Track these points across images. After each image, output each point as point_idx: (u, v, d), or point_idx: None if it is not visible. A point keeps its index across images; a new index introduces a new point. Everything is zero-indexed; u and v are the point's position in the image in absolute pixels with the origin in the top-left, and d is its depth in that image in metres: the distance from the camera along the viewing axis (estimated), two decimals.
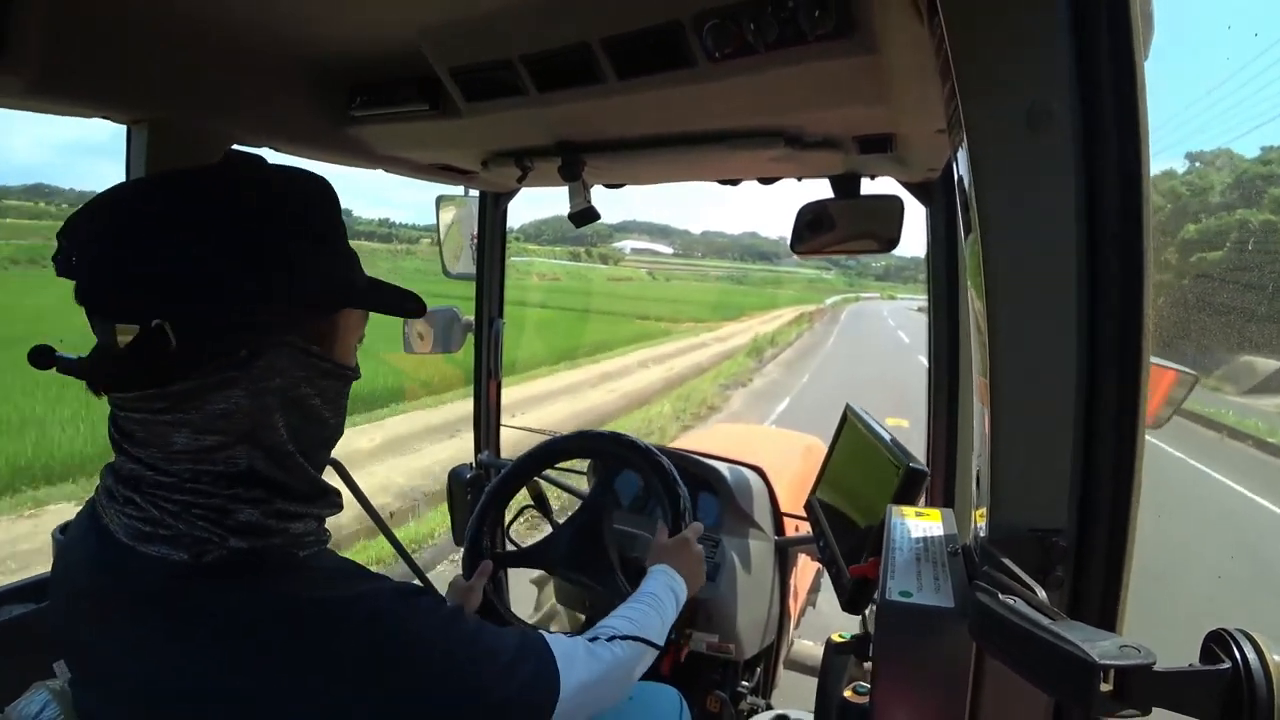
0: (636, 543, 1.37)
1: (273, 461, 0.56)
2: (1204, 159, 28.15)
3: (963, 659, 0.51)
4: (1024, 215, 0.45)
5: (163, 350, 0.49)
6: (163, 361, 0.50)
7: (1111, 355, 0.45)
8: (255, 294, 0.52)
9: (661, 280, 64.43)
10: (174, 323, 0.49)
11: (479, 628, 0.61)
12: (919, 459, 0.91)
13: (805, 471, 1.74)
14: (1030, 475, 0.48)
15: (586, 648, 0.69)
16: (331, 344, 0.60)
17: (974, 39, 0.44)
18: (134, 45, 0.83)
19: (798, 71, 0.74)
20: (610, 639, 0.71)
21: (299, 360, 0.56)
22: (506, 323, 1.79)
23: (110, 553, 0.54)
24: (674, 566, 0.93)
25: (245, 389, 0.53)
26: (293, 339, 0.55)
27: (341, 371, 0.61)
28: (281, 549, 0.56)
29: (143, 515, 0.53)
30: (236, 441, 0.54)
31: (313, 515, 0.59)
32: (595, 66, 0.81)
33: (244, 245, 0.52)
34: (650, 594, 0.84)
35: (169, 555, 0.52)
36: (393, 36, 0.89)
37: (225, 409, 0.53)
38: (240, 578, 0.53)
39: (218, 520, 0.53)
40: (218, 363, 0.52)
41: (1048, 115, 0.43)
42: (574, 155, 1.14)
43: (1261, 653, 0.35)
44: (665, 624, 0.81)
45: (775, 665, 1.67)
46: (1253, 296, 13.92)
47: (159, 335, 0.49)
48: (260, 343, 0.53)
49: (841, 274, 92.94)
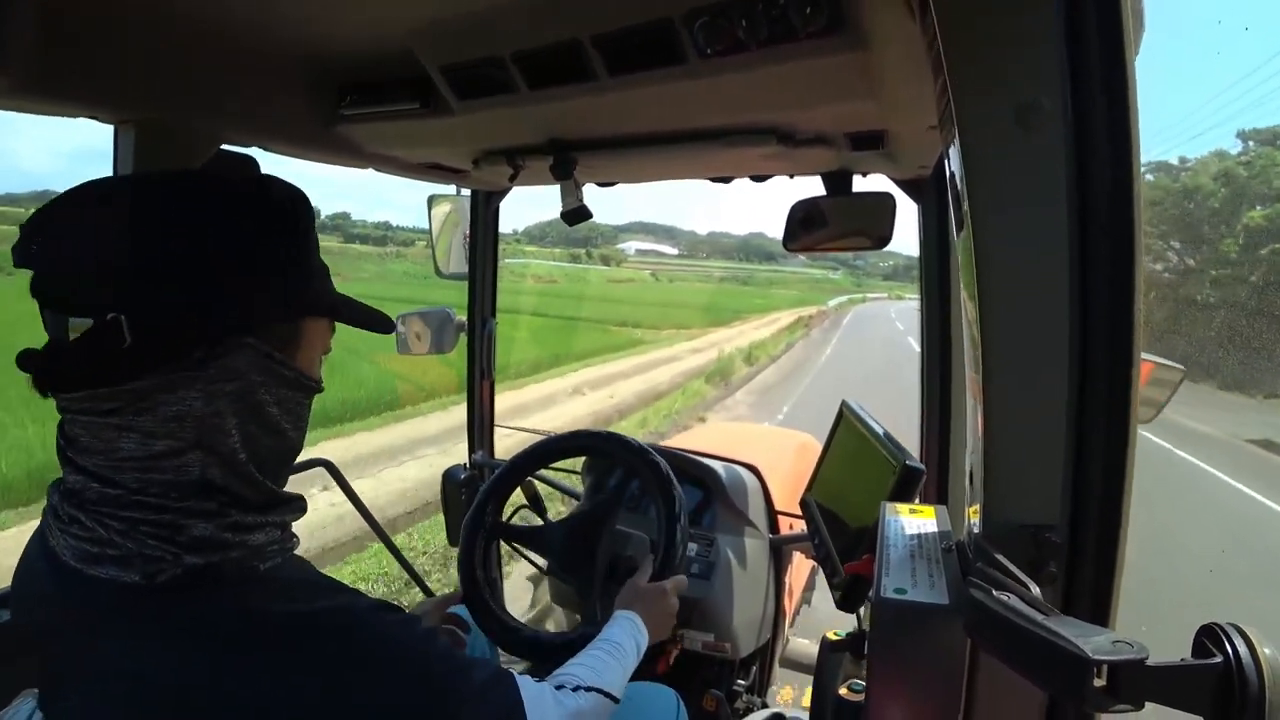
0: (630, 542, 1.37)
1: (227, 470, 0.53)
2: (1261, 136, 24.64)
3: (957, 655, 0.51)
4: (1016, 211, 0.45)
5: (116, 346, 0.47)
6: (116, 358, 0.48)
7: (1103, 351, 0.46)
8: (216, 292, 0.51)
9: (665, 281, 62.35)
10: (130, 317, 0.47)
11: (451, 651, 0.60)
12: (914, 456, 0.91)
13: (800, 469, 1.74)
14: (1023, 471, 0.48)
15: (553, 694, 0.67)
16: (294, 351, 0.58)
17: (965, 35, 0.44)
18: (121, 45, 0.82)
19: (789, 68, 0.74)
20: (575, 689, 0.70)
21: (258, 364, 0.54)
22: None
23: (60, 577, 0.52)
24: (644, 616, 0.91)
25: (200, 390, 0.51)
26: (252, 341, 0.53)
27: (303, 381, 0.58)
28: (240, 562, 0.53)
29: (89, 535, 0.50)
30: (188, 448, 0.51)
31: (273, 523, 0.57)
32: (587, 64, 0.81)
33: (209, 244, 0.51)
34: (615, 643, 0.82)
35: (119, 577, 0.49)
36: (383, 35, 0.89)
37: (178, 411, 0.50)
38: (196, 595, 0.50)
39: (169, 537, 0.50)
40: (172, 362, 0.50)
41: (1039, 111, 0.43)
42: (566, 153, 1.13)
43: (1253, 646, 0.35)
44: (626, 674, 0.80)
45: (770, 664, 1.67)
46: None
47: (113, 329, 0.47)
48: (218, 343, 0.51)
49: (849, 273, 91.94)
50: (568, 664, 0.76)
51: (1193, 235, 19.22)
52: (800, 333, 24.05)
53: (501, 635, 1.10)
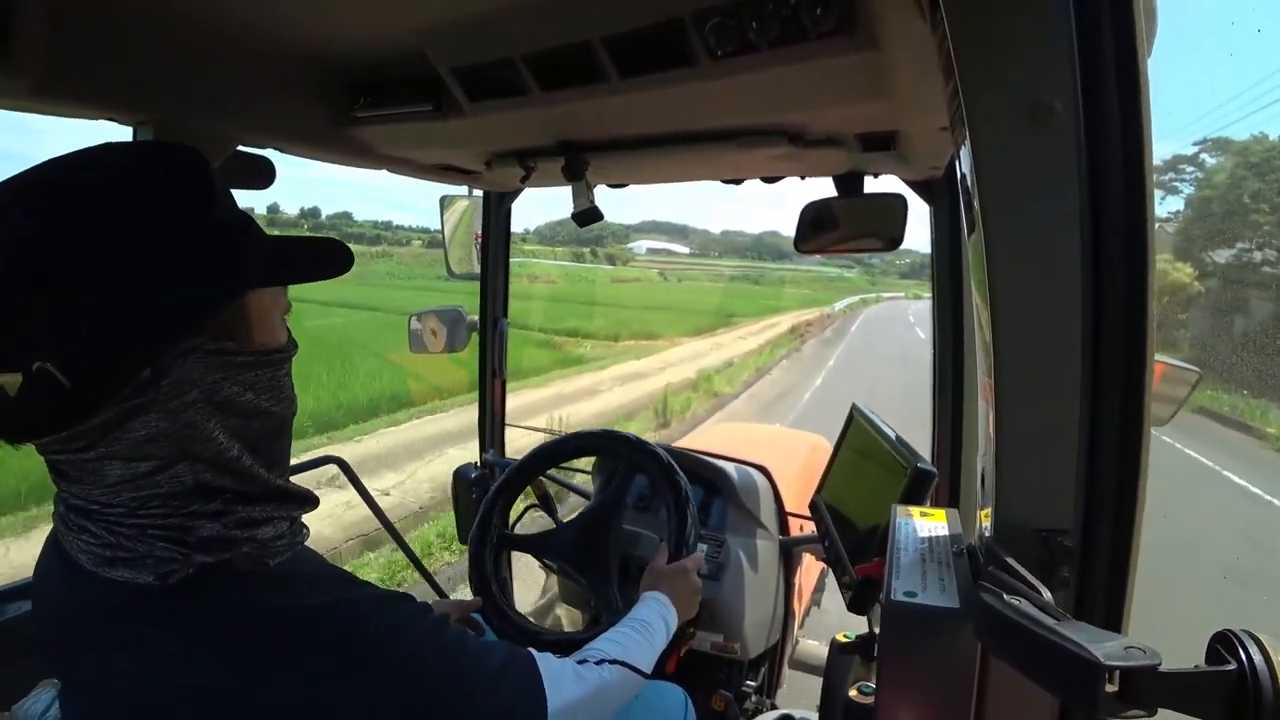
0: (640, 542, 1.38)
1: (219, 470, 0.52)
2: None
3: (968, 659, 0.51)
4: (1027, 212, 0.45)
5: (58, 393, 0.44)
6: (62, 404, 0.45)
7: (1116, 353, 0.45)
8: (137, 304, 0.46)
9: (673, 281, 59.01)
10: (56, 362, 0.43)
11: (464, 638, 0.60)
12: (925, 459, 0.91)
13: (810, 471, 1.74)
14: (1035, 475, 0.48)
15: (574, 669, 0.67)
16: (246, 332, 0.53)
17: (976, 35, 0.43)
18: (138, 47, 0.83)
19: (799, 69, 0.73)
20: (599, 662, 0.70)
21: (211, 363, 0.50)
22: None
23: (76, 579, 0.52)
24: (668, 594, 0.90)
25: (159, 410, 0.48)
26: (196, 343, 0.49)
27: (269, 357, 0.55)
28: (250, 558, 0.53)
29: (100, 541, 0.50)
30: (173, 461, 0.50)
31: (281, 517, 0.56)
32: (597, 65, 0.81)
33: (103, 251, 0.45)
34: (642, 620, 0.82)
35: (134, 579, 0.50)
36: (395, 37, 0.90)
37: (148, 434, 0.48)
38: (210, 592, 0.51)
39: (178, 539, 0.50)
40: (121, 389, 0.46)
41: (1051, 111, 0.42)
42: (577, 155, 1.14)
43: (1267, 654, 0.35)
44: (655, 651, 0.79)
45: (780, 665, 1.67)
46: None
47: (46, 378, 0.43)
48: (160, 358, 0.47)
49: (864, 271, 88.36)
50: (596, 640, 0.76)
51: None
52: (794, 343, 18.48)
53: (515, 637, 1.10)
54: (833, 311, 33.36)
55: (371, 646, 0.53)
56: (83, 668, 0.55)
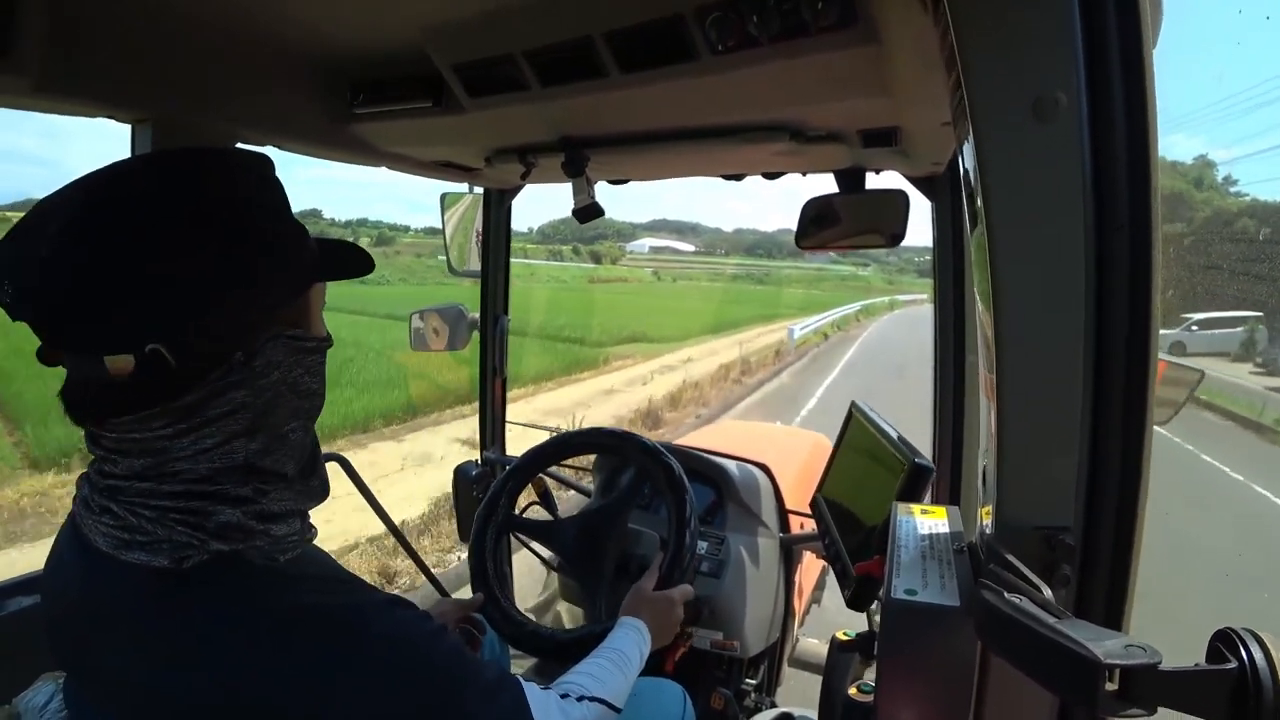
0: (641, 540, 1.37)
1: (268, 447, 0.56)
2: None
3: (968, 658, 0.51)
4: (1031, 209, 0.44)
5: (163, 372, 0.49)
6: (164, 381, 0.50)
7: (1120, 351, 0.45)
8: (242, 292, 0.52)
9: (668, 281, 55.92)
10: (167, 344, 0.48)
11: (462, 648, 0.61)
12: (925, 455, 0.90)
13: (811, 469, 1.74)
14: (1037, 473, 0.48)
15: (558, 702, 0.68)
16: (308, 321, 0.60)
17: (979, 29, 0.43)
18: (137, 44, 0.83)
19: (801, 64, 0.73)
20: (580, 698, 0.71)
21: (288, 347, 0.56)
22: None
23: (93, 563, 0.54)
24: (649, 624, 0.91)
25: (248, 388, 0.53)
26: (278, 328, 0.56)
27: (322, 345, 0.61)
28: (264, 552, 0.55)
29: (120, 524, 0.52)
30: (236, 436, 0.54)
31: (296, 513, 0.59)
32: (598, 60, 0.81)
33: (218, 243, 0.51)
34: (619, 651, 0.83)
35: (150, 562, 0.51)
36: (395, 33, 0.89)
37: (229, 410, 0.53)
38: (223, 584, 0.52)
39: (197, 524, 0.52)
40: (219, 370, 0.52)
41: (1055, 106, 0.42)
42: (577, 151, 1.13)
43: (1268, 652, 0.34)
44: (628, 684, 0.80)
45: (780, 663, 1.67)
46: None
47: (156, 358, 0.48)
48: (254, 340, 0.54)
49: (880, 269, 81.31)
50: (573, 671, 0.77)
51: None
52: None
53: (509, 630, 1.11)
54: (829, 321, 20.22)
55: (370, 648, 0.53)
56: (93, 655, 0.56)
